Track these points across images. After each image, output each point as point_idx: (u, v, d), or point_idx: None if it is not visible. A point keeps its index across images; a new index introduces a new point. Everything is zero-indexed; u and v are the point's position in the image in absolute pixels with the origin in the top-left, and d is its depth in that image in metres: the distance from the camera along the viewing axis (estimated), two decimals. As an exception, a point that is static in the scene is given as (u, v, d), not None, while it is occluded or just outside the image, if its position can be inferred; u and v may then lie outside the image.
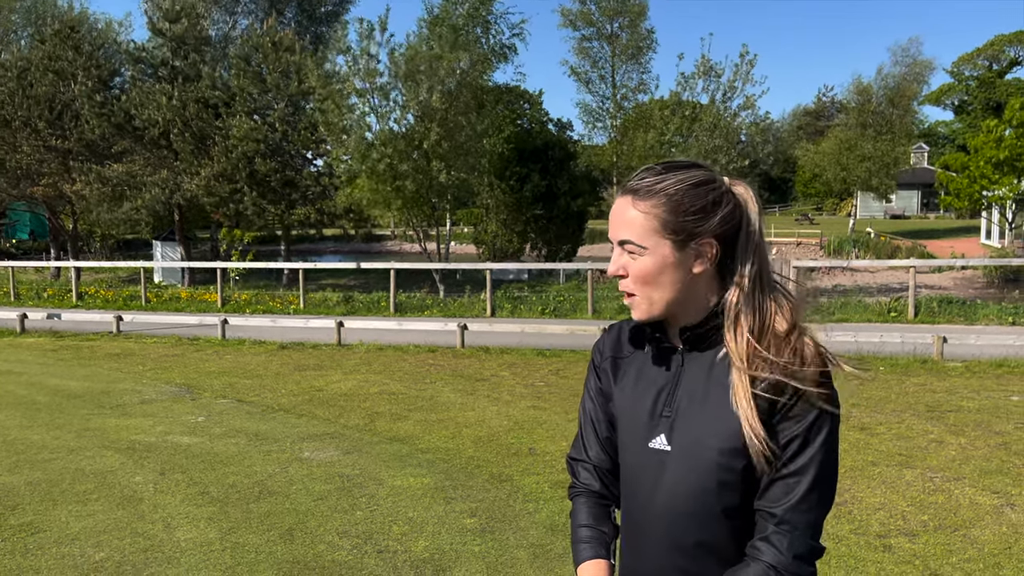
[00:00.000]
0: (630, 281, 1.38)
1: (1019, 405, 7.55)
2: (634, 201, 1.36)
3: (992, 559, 4.10)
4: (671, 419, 1.38)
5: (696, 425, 1.35)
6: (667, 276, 1.36)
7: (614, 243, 1.39)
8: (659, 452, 1.38)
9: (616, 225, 1.38)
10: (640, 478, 1.42)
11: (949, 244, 34.72)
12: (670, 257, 1.35)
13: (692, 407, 1.36)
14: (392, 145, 19.42)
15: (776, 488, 1.31)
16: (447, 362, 10.87)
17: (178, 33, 25.39)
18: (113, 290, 22.53)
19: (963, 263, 21.61)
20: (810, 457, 1.30)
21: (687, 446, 1.35)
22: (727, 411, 1.32)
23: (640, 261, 1.36)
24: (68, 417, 7.76)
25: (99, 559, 4.26)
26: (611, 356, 1.53)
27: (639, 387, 1.45)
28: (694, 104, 22.43)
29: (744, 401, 1.30)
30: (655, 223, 1.34)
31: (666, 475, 1.37)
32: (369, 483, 5.51)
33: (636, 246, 1.35)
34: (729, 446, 1.31)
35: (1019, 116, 28.26)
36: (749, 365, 1.31)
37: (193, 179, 24.97)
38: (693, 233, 1.34)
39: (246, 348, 12.53)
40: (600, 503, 1.53)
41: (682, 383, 1.39)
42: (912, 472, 5.55)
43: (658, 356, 1.44)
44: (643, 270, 1.36)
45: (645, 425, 1.41)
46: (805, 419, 1.30)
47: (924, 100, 51.15)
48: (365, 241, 44.47)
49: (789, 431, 1.30)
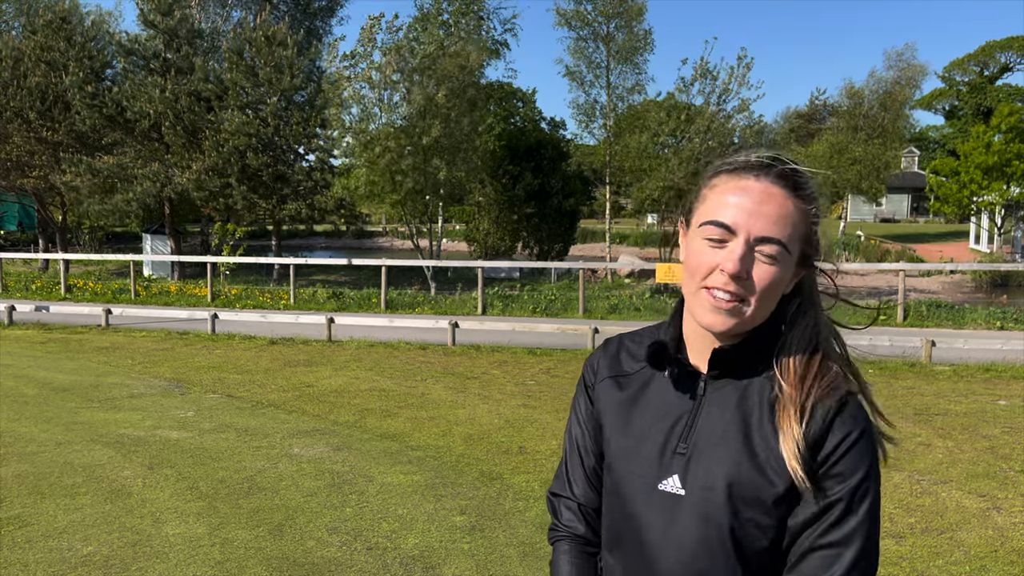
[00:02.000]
0: (753, 286, 1.13)
1: (1006, 409, 7.61)
2: (792, 195, 1.14)
3: (978, 562, 4.13)
4: (686, 457, 1.17)
5: (719, 467, 1.14)
6: (780, 291, 1.16)
7: (742, 235, 1.12)
8: (671, 496, 1.17)
9: (759, 215, 1.12)
10: (644, 525, 1.19)
11: (938, 248, 34.93)
12: (792, 271, 1.16)
13: (714, 444, 1.16)
14: (394, 139, 19.42)
15: (813, 560, 1.11)
16: (438, 360, 10.87)
17: (170, 25, 25.25)
18: (102, 283, 22.40)
19: (952, 267, 21.76)
20: (855, 526, 1.11)
21: (706, 491, 1.14)
22: (755, 456, 1.13)
23: (775, 268, 1.13)
24: (56, 410, 7.72)
25: (87, 553, 4.24)
26: (609, 376, 1.30)
27: (647, 416, 1.23)
28: (689, 106, 22.48)
29: (793, 428, 1.11)
30: (805, 230, 1.15)
31: (677, 524, 1.16)
32: (359, 480, 5.51)
33: (783, 250, 1.12)
34: (759, 496, 1.12)
35: (1008, 122, 28.50)
36: (800, 388, 1.13)
37: (184, 172, 24.86)
38: (817, 249, 1.20)
39: (236, 343, 12.49)
40: (585, 551, 1.31)
41: (702, 415, 1.18)
42: (900, 475, 5.59)
43: (676, 380, 1.23)
44: (776, 279, 1.13)
45: (654, 462, 1.19)
46: (852, 477, 1.11)
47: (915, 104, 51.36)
48: (356, 237, 44.34)
49: (833, 490, 1.11)
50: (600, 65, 25.38)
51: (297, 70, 25.04)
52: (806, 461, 1.11)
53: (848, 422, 1.13)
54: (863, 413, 1.16)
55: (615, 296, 18.35)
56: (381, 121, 20.21)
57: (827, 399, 1.14)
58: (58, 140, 26.20)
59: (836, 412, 1.13)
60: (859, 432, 1.13)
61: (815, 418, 1.12)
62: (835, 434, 1.12)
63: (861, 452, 1.12)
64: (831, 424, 1.13)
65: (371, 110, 20.31)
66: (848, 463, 1.12)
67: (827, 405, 1.13)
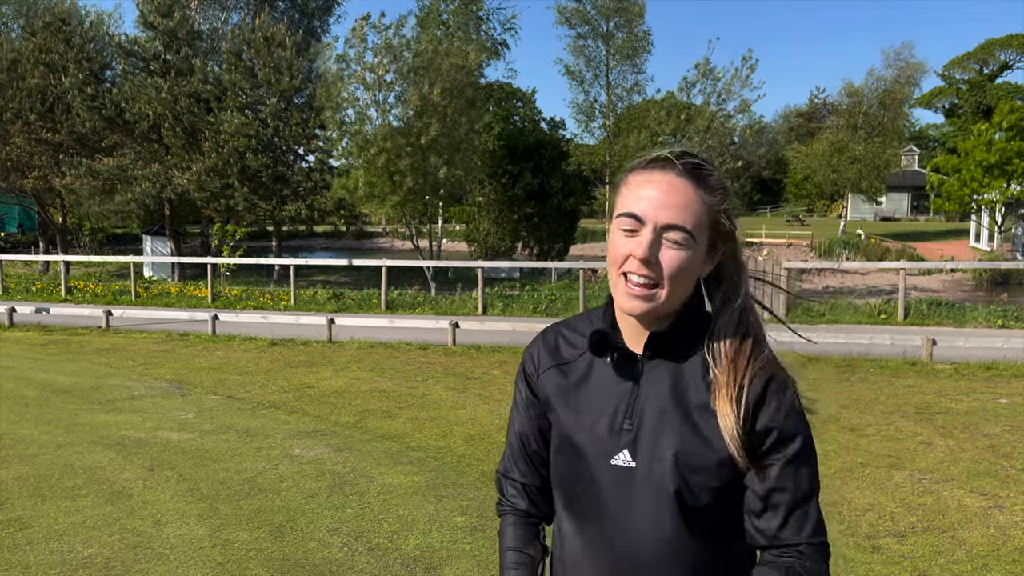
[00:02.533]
0: (662, 272, 1.22)
1: (1007, 408, 7.60)
2: (695, 185, 1.23)
3: (980, 560, 4.12)
4: (633, 432, 1.27)
5: (664, 438, 1.25)
6: (693, 274, 1.26)
7: (650, 223, 1.22)
8: (623, 469, 1.27)
9: (664, 204, 1.21)
10: (602, 497, 1.29)
11: (939, 247, 34.92)
12: (703, 254, 1.25)
13: (657, 419, 1.26)
14: (391, 140, 19.40)
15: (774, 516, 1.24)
16: (438, 360, 10.86)
17: (170, 27, 25.26)
18: (102, 284, 22.41)
19: (952, 266, 21.75)
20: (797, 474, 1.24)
21: (654, 462, 1.25)
22: (700, 426, 1.24)
23: (682, 253, 1.22)
24: (57, 412, 7.72)
25: (88, 555, 4.24)
26: (552, 365, 1.38)
27: (592, 398, 1.32)
28: (689, 105, 22.49)
29: (728, 408, 1.22)
30: (711, 217, 1.24)
31: (633, 494, 1.26)
32: (360, 481, 5.50)
33: (688, 236, 1.22)
34: (703, 462, 1.23)
35: (1009, 120, 28.46)
36: (732, 369, 1.24)
37: (184, 174, 24.86)
38: (729, 232, 1.27)
39: (236, 344, 12.49)
40: (528, 522, 1.43)
41: (643, 393, 1.28)
42: (901, 474, 5.58)
43: (615, 363, 1.32)
44: (684, 264, 1.22)
45: (604, 440, 1.28)
46: (793, 443, 1.23)
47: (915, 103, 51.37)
48: (356, 238, 44.32)
49: (775, 458, 1.23)
50: (600, 64, 25.40)
51: (296, 71, 25.03)
52: (742, 437, 1.21)
53: (779, 393, 1.24)
54: (790, 382, 1.27)
55: (615, 296, 18.31)
56: (377, 122, 20.22)
57: (758, 377, 1.24)
58: (58, 141, 26.20)
59: (765, 386, 1.24)
60: (790, 400, 1.25)
61: (749, 395, 1.23)
62: (769, 406, 1.23)
63: (796, 421, 1.24)
64: (764, 397, 1.23)
65: (367, 112, 20.31)
66: (785, 430, 1.23)
67: (759, 382, 1.24)
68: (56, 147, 26.40)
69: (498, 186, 27.04)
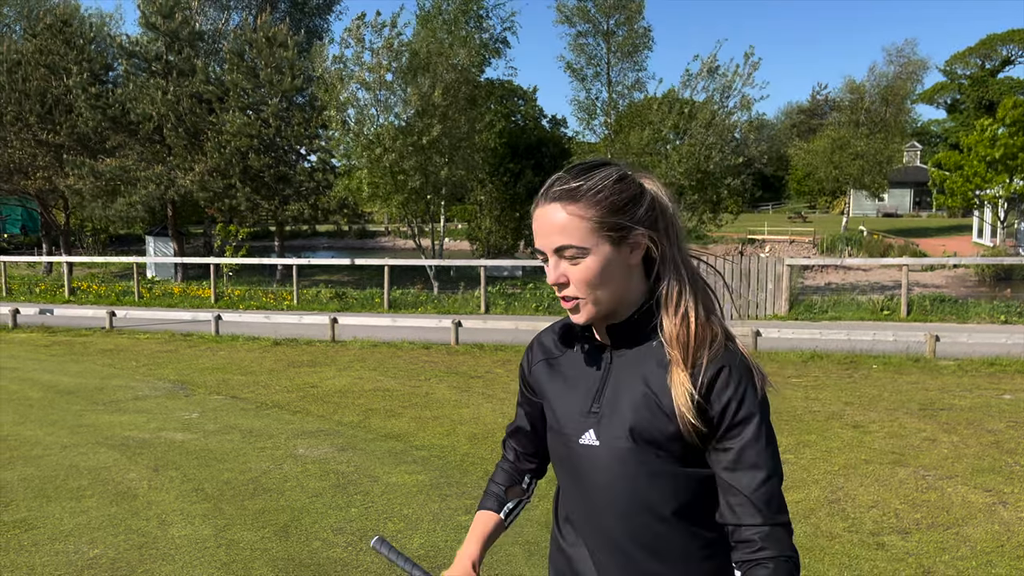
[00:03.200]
0: (574, 287, 1.36)
1: (1011, 404, 7.59)
2: (564, 205, 1.35)
3: (984, 557, 4.12)
4: (599, 415, 1.41)
5: (623, 419, 1.38)
6: (610, 274, 1.36)
7: (548, 252, 1.37)
8: (589, 447, 1.41)
9: (548, 233, 1.36)
10: (576, 474, 1.45)
11: (941, 243, 34.86)
12: (611, 254, 1.35)
13: (619, 402, 1.39)
14: (393, 140, 19.39)
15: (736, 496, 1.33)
16: (441, 359, 10.87)
17: (171, 28, 25.26)
18: (106, 285, 22.45)
19: (955, 262, 21.71)
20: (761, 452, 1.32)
21: (613, 440, 1.38)
22: (654, 404, 1.35)
23: (584, 264, 1.35)
24: (61, 413, 7.74)
25: (93, 556, 4.25)
26: (543, 359, 1.56)
27: (570, 386, 1.48)
28: (691, 102, 22.44)
29: (681, 388, 1.32)
30: (591, 223, 1.34)
31: (598, 470, 1.41)
32: (364, 480, 5.51)
33: (577, 249, 1.34)
34: (656, 436, 1.35)
35: (1012, 115, 28.38)
36: (684, 352, 1.34)
37: (187, 174, 24.89)
38: (627, 226, 1.36)
39: (240, 344, 12.51)
40: (513, 470, 1.70)
41: (610, 380, 1.42)
42: (905, 470, 5.58)
43: (588, 355, 1.47)
44: (589, 272, 1.35)
45: (577, 422, 1.44)
46: (748, 426, 1.32)
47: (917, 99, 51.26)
48: (358, 237, 44.40)
49: (733, 432, 1.32)
50: (601, 61, 25.37)
51: (298, 71, 25.04)
52: (696, 409, 1.32)
53: (731, 372, 1.33)
54: (744, 363, 1.36)
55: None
56: (379, 122, 20.19)
57: (713, 361, 1.34)
58: (60, 143, 26.24)
59: (720, 367, 1.33)
60: (741, 377, 1.34)
61: (701, 371, 1.33)
62: (721, 385, 1.33)
63: (748, 395, 1.33)
64: (716, 377, 1.33)
65: (368, 111, 20.28)
66: (740, 403, 1.32)
67: (709, 357, 1.34)
68: (58, 148, 26.44)
69: (500, 184, 27.03)
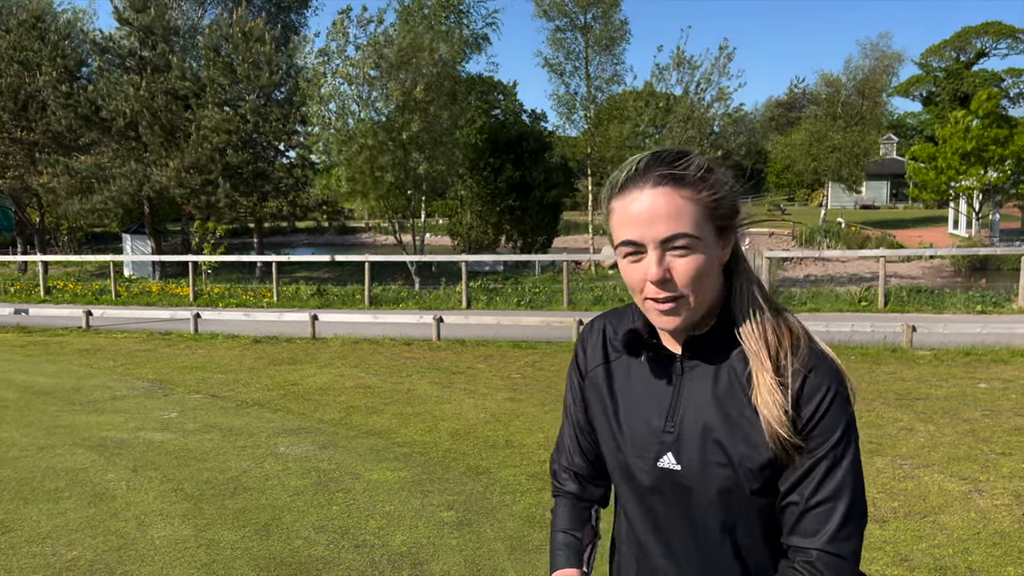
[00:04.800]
0: (680, 283, 1.19)
1: (986, 392, 7.69)
2: (674, 190, 1.19)
3: (961, 544, 4.18)
4: (675, 434, 1.27)
5: (706, 443, 1.24)
6: (713, 270, 1.23)
7: (648, 243, 1.19)
8: (669, 471, 1.27)
9: (652, 221, 1.18)
10: (651, 498, 1.31)
11: (918, 234, 35.25)
12: (715, 246, 1.22)
13: (699, 423, 1.25)
14: (372, 136, 19.30)
15: (809, 520, 1.20)
16: (423, 355, 10.85)
17: (145, 23, 24.97)
18: (82, 284, 22.18)
19: (931, 253, 21.96)
20: (841, 480, 1.19)
21: (699, 465, 1.24)
22: (739, 428, 1.22)
23: (693, 256, 1.19)
24: (37, 414, 7.65)
25: (71, 558, 4.20)
26: (602, 363, 1.39)
27: (635, 398, 1.33)
28: (668, 96, 22.51)
29: (771, 399, 1.18)
30: (704, 210, 1.20)
31: (679, 496, 1.27)
32: (345, 477, 5.49)
33: (691, 238, 1.18)
34: (747, 464, 1.21)
35: (986, 107, 28.72)
36: (772, 358, 1.21)
37: (163, 171, 24.64)
38: (736, 214, 1.24)
39: (219, 342, 12.41)
40: (579, 505, 1.47)
41: (684, 395, 1.28)
42: (882, 459, 5.64)
43: (656, 365, 1.32)
44: (700, 265, 1.19)
45: (649, 442, 1.29)
46: (833, 434, 1.20)
47: (893, 91, 51.75)
48: (339, 233, 44.16)
49: (816, 449, 1.19)
50: (579, 56, 25.40)
51: (275, 66, 24.85)
52: (790, 424, 1.18)
53: (823, 380, 1.21)
54: (834, 368, 1.23)
55: (599, 287, 18.39)
56: (359, 117, 20.09)
57: (797, 361, 1.21)
58: (34, 140, 25.88)
59: (809, 372, 1.21)
60: (835, 389, 1.21)
61: (791, 381, 1.19)
62: (809, 399, 1.20)
63: (839, 408, 1.20)
64: (805, 384, 1.20)
65: (349, 107, 20.18)
66: (828, 421, 1.19)
67: (799, 367, 1.20)
68: (31, 146, 26.08)
69: (480, 179, 27.00)
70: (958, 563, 3.95)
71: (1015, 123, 29.19)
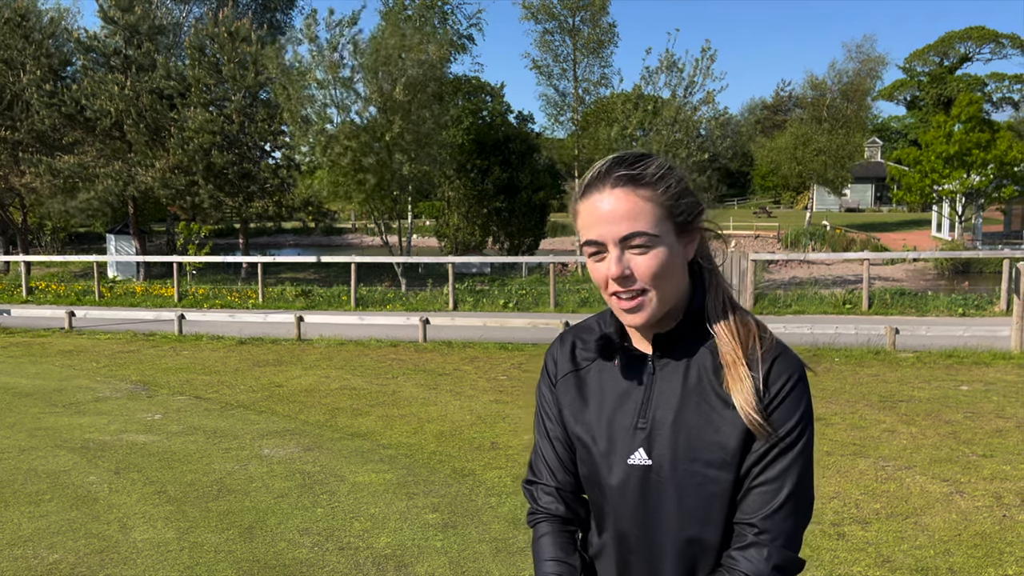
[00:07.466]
0: (640, 280, 1.24)
1: (968, 395, 7.76)
2: (632, 190, 1.24)
3: (942, 545, 4.21)
4: (647, 431, 1.29)
5: (677, 436, 1.27)
6: (674, 266, 1.26)
7: (609, 242, 1.24)
8: (640, 467, 1.29)
9: (612, 220, 1.23)
10: (624, 496, 1.32)
11: (901, 237, 35.52)
12: (675, 244, 1.26)
13: (670, 417, 1.29)
14: (355, 139, 19.23)
15: (753, 497, 1.25)
16: (409, 356, 10.83)
17: (131, 22, 24.82)
18: (65, 285, 22.00)
19: (915, 256, 22.15)
20: (789, 464, 1.25)
21: (669, 459, 1.27)
22: (709, 420, 1.26)
23: (652, 254, 1.23)
24: (19, 416, 7.58)
25: (53, 561, 4.17)
26: (571, 370, 1.41)
27: (608, 400, 1.35)
28: (655, 98, 22.60)
29: (744, 386, 1.24)
30: (662, 209, 1.24)
31: (651, 491, 1.29)
32: (330, 480, 5.48)
33: (649, 236, 1.22)
34: (716, 457, 1.25)
35: (968, 112, 29.01)
36: (743, 349, 1.26)
37: (148, 171, 24.49)
38: (695, 213, 1.29)
39: (204, 344, 12.34)
40: (566, 530, 1.42)
41: (655, 392, 1.31)
42: (865, 461, 5.68)
43: (627, 367, 1.35)
44: (659, 262, 1.23)
45: (621, 440, 1.31)
46: (789, 420, 1.25)
47: (877, 95, 52.13)
48: (325, 234, 44.04)
49: (772, 434, 1.25)
50: (567, 59, 25.45)
51: (261, 66, 24.75)
52: (760, 407, 1.24)
53: (788, 365, 1.28)
54: (796, 357, 1.30)
55: (585, 289, 18.42)
56: (338, 120, 20.02)
57: (764, 350, 1.28)
58: (17, 140, 25.66)
59: (773, 360, 1.27)
60: (798, 375, 1.28)
61: (760, 365, 1.26)
62: (775, 381, 1.26)
63: (799, 394, 1.27)
64: (770, 372, 1.26)
65: (325, 111, 20.09)
66: (789, 404, 1.26)
67: (765, 355, 1.27)
68: (15, 145, 25.85)
69: (467, 181, 26.97)
70: (939, 564, 3.99)
71: (997, 127, 29.52)
